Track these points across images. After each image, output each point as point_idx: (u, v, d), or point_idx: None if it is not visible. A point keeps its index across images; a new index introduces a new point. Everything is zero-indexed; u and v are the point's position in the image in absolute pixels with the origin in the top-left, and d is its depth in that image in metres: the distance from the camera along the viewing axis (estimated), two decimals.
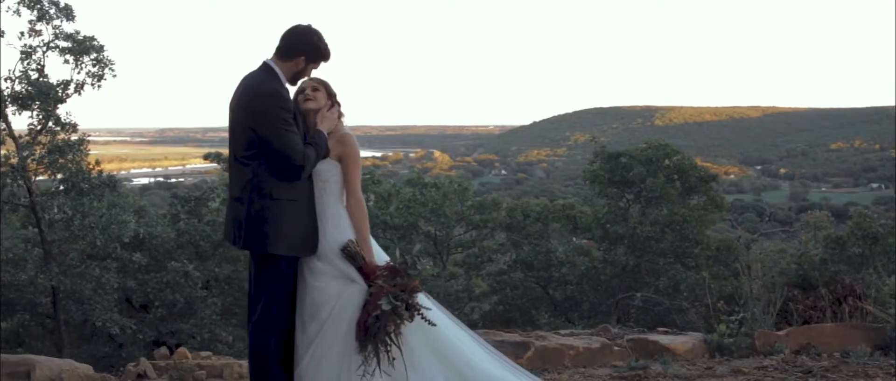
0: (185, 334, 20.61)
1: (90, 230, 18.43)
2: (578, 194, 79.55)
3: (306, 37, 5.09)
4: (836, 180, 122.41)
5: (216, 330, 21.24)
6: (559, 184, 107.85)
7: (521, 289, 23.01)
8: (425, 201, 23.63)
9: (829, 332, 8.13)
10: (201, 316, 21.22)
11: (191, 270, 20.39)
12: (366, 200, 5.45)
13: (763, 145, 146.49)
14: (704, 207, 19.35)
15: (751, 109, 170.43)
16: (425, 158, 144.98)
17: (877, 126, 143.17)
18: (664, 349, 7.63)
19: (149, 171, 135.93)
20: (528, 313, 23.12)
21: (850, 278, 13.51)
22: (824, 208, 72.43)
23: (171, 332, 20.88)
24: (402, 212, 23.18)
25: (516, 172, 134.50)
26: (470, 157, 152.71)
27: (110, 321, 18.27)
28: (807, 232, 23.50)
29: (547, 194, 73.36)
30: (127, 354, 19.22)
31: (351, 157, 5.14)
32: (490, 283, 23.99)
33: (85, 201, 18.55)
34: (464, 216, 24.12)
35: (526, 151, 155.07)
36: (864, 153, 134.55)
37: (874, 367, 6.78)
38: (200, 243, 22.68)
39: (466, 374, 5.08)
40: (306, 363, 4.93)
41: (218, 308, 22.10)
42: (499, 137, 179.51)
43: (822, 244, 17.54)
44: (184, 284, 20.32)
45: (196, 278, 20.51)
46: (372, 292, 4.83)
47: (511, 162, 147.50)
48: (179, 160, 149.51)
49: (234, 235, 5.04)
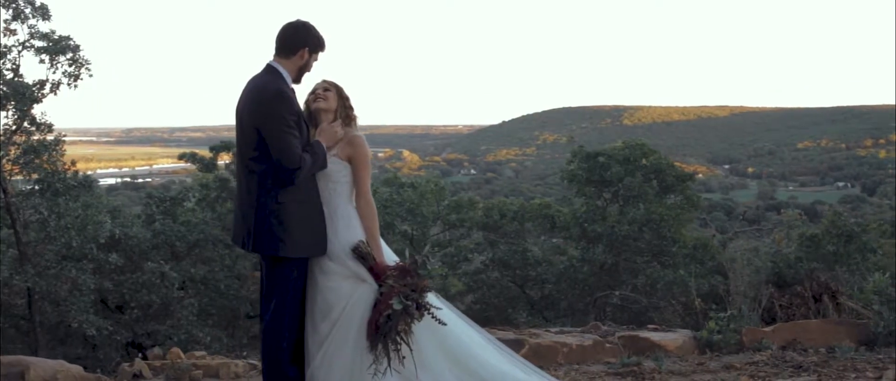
0: (162, 335, 20.50)
1: (66, 231, 18.29)
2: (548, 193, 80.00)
3: (304, 29, 5.15)
4: (803, 179, 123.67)
5: (193, 331, 21.16)
6: (528, 183, 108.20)
7: (497, 288, 23.10)
8: (402, 200, 23.65)
9: (814, 328, 8.27)
10: (178, 317, 21.14)
11: (167, 270, 20.31)
12: None
13: (731, 145, 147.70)
14: (681, 206, 19.55)
15: (719, 108, 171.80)
16: (394, 158, 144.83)
17: (843, 126, 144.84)
18: (655, 345, 7.73)
19: (115, 171, 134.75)
20: (505, 312, 23.20)
21: (826, 276, 13.73)
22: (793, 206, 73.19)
23: (147, 333, 20.77)
24: (379, 212, 23.13)
25: (485, 171, 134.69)
26: (439, 156, 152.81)
27: (86, 323, 18.14)
28: (780, 231, 23.78)
29: (516, 193, 73.63)
30: (104, 355, 19.13)
31: (361, 158, 5.19)
32: (466, 282, 24.05)
33: (60, 202, 18.42)
34: (440, 216, 24.17)
35: (495, 151, 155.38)
36: (830, 152, 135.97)
37: (862, 362, 6.92)
38: (176, 243, 22.60)
39: (477, 372, 5.15)
40: (318, 362, 4.97)
41: (194, 309, 22.01)
42: (468, 136, 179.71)
43: (797, 242, 17.75)
44: (160, 284, 20.24)
45: (173, 279, 20.43)
46: (383, 291, 4.89)
47: (480, 162, 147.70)
48: (146, 160, 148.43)
49: (243, 238, 5.07)
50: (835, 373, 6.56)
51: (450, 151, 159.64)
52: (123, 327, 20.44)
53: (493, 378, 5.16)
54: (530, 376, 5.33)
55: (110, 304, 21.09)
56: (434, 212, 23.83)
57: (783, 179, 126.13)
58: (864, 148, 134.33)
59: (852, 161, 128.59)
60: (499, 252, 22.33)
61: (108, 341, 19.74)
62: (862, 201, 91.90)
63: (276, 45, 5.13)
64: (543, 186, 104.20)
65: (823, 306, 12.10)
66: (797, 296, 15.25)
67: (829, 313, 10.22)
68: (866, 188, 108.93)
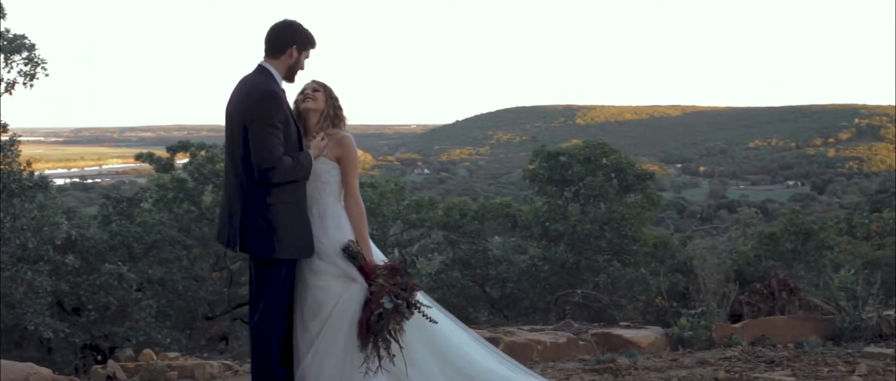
0: (120, 337, 20.32)
1: (21, 233, 18.04)
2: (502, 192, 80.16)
3: (290, 28, 5.17)
4: (754, 178, 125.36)
5: (151, 333, 20.98)
6: (482, 183, 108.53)
7: (458, 288, 23.13)
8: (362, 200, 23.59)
9: (782, 324, 8.41)
10: (136, 319, 20.95)
11: (125, 272, 20.12)
12: None
13: (683, 144, 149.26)
14: (641, 204, 19.71)
15: (671, 107, 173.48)
16: None
17: (793, 125, 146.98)
18: (628, 342, 7.81)
19: (64, 171, 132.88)
20: (465, 311, 23.24)
21: (784, 273, 13.94)
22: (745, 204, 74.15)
23: (105, 335, 20.57)
24: None
25: (439, 171, 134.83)
26: (392, 156, 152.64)
27: (43, 325, 17.92)
28: (736, 229, 24.11)
29: (470, 193, 73.87)
30: (61, 358, 18.91)
31: (349, 158, 5.23)
32: (427, 282, 24.07)
33: (15, 203, 18.16)
34: (400, 216, 24.15)
35: (449, 151, 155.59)
36: (780, 151, 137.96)
37: (832, 356, 7.05)
38: (133, 244, 22.40)
39: (465, 370, 5.20)
40: (309, 361, 4.99)
41: (153, 311, 21.83)
42: (421, 136, 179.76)
43: (755, 240, 18.00)
44: (117, 286, 20.05)
45: (130, 281, 20.24)
46: (373, 290, 4.92)
47: (434, 161, 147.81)
48: (96, 160, 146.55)
49: (231, 238, 5.05)
50: (807, 368, 6.68)
51: (403, 151, 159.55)
52: (80, 329, 20.20)
53: (481, 376, 5.21)
54: (516, 373, 5.39)
55: (67, 306, 20.85)
56: (394, 212, 23.81)
57: (734, 177, 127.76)
58: (813, 147, 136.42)
59: (802, 160, 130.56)
60: (459, 252, 22.37)
61: (65, 343, 19.52)
62: (812, 199, 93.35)
63: (265, 46, 5.16)
64: (497, 186, 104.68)
65: (782, 303, 12.31)
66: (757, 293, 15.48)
67: (787, 310, 10.39)
68: (816, 187, 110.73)
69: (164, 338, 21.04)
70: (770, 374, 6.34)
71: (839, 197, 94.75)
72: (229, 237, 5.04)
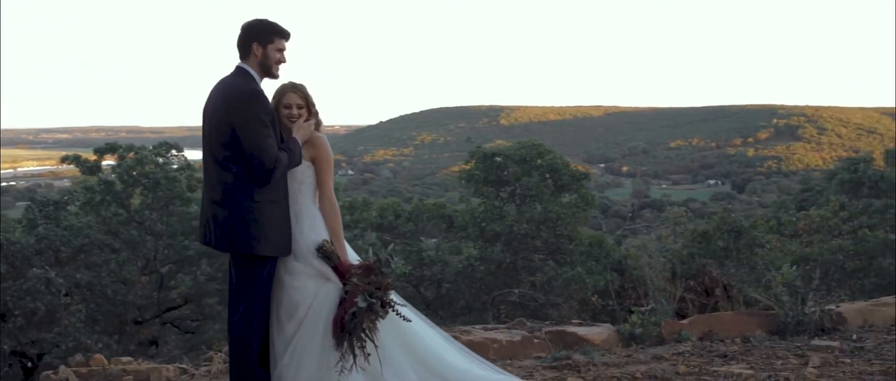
0: (48, 343, 19.95)
1: None
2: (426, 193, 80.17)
3: (247, 28, 5.18)
4: (676, 177, 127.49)
5: (81, 338, 20.64)
6: (406, 184, 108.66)
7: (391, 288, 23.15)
8: None
9: (728, 320, 8.59)
10: (65, 324, 20.60)
11: (53, 277, 19.78)
12: None
13: (606, 144, 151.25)
14: (576, 204, 19.94)
15: (593, 108, 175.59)
16: None
17: (714, 125, 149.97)
18: (582, 339, 7.91)
19: None
20: None
21: (717, 271, 14.25)
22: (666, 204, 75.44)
23: (32, 341, 20.18)
24: None
25: (363, 172, 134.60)
26: None
27: None
28: (666, 227, 24.54)
29: (395, 193, 73.97)
30: None
31: (324, 159, 5.26)
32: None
33: None
34: None
35: (372, 152, 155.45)
36: (701, 151, 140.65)
37: (781, 350, 7.22)
38: (61, 248, 22.02)
39: (438, 369, 5.26)
40: (286, 361, 5.01)
41: (82, 315, 21.47)
42: (345, 137, 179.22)
43: (689, 238, 18.34)
44: (45, 291, 19.71)
45: (59, 285, 19.91)
46: (348, 289, 4.96)
47: (358, 162, 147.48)
48: (10, 163, 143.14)
49: (215, 238, 5.04)
50: (760, 361, 6.84)
51: None
52: (6, 335, 19.80)
53: (453, 375, 5.27)
54: (487, 371, 5.46)
55: None
56: None
57: (656, 177, 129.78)
58: (733, 147, 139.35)
59: (722, 160, 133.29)
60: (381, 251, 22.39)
61: None
62: (732, 198, 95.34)
63: (238, 49, 5.19)
64: (422, 187, 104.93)
65: (715, 300, 12.57)
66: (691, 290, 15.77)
67: (721, 307, 10.63)
68: (736, 186, 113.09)
69: (95, 343, 20.72)
70: (729, 368, 6.48)
71: (759, 196, 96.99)
72: (216, 239, 5.03)
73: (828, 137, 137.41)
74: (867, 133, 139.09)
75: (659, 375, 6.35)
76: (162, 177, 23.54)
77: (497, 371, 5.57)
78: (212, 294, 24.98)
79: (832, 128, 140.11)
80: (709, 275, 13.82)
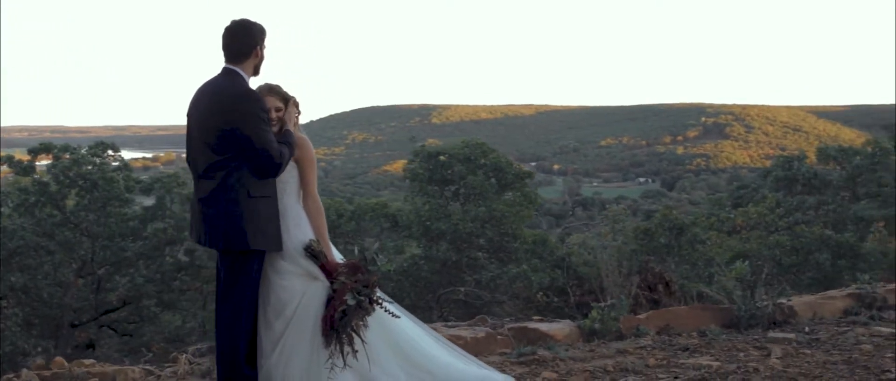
0: None
1: None
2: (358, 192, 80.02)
3: (250, 29, 5.26)
4: (607, 175, 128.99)
5: (18, 342, 20.32)
6: (338, 183, 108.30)
7: None
8: None
9: (683, 314, 8.79)
10: (0, 328, 20.28)
11: None
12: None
13: (537, 143, 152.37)
14: (519, 203, 20.12)
15: (524, 107, 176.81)
16: None
17: (643, 123, 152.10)
18: (544, 335, 8.03)
19: None
20: None
21: (660, 267, 14.54)
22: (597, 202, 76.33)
23: None
24: None
25: None
26: None
27: None
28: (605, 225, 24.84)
29: (327, 193, 73.62)
30: None
31: (307, 159, 5.35)
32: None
33: None
34: None
35: None
36: (631, 149, 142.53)
37: (741, 342, 7.42)
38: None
39: (423, 364, 5.35)
40: (275, 359, 5.06)
41: (19, 320, 21.14)
42: None
43: (631, 236, 18.61)
44: None
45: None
46: (336, 288, 5.03)
47: None
48: None
49: (208, 236, 5.07)
50: (723, 353, 7.03)
51: None
52: None
53: (438, 370, 5.36)
54: (470, 366, 5.56)
55: None
56: None
57: (587, 175, 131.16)
58: (663, 145, 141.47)
59: (652, 158, 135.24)
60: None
61: None
62: (662, 195, 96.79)
63: (228, 53, 5.24)
64: (354, 186, 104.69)
65: (659, 296, 12.83)
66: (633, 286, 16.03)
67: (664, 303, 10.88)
68: (665, 183, 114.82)
69: (33, 348, 20.41)
70: (695, 360, 6.66)
71: (688, 193, 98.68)
72: (209, 237, 5.07)
73: (755, 135, 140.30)
74: (793, 131, 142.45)
75: (629, 368, 6.50)
76: (99, 178, 23.24)
77: (480, 366, 5.68)
78: (150, 296, 24.73)
79: (759, 126, 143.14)
80: (651, 271, 14.12)
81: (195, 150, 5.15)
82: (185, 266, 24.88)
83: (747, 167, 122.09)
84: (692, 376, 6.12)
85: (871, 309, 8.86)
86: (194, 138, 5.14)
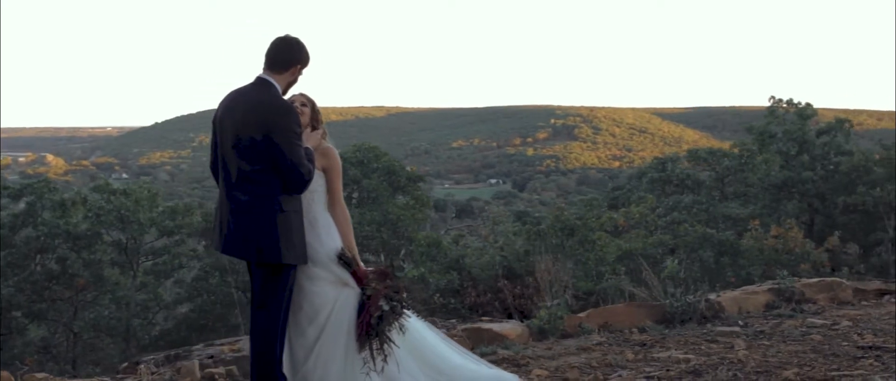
0: None
1: None
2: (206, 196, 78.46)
3: (298, 46, 5.30)
4: (458, 177, 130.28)
5: None
6: (186, 187, 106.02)
7: (217, 294, 22.85)
8: (112, 208, 22.79)
9: (621, 311, 9.22)
10: None
11: None
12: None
13: (389, 145, 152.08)
14: (413, 206, 20.36)
15: (375, 109, 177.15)
16: (37, 163, 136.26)
17: (494, 125, 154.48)
18: (498, 335, 8.29)
19: None
20: (225, 318, 22.97)
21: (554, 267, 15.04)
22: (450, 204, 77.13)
23: None
24: (91, 220, 22.19)
25: (138, 175, 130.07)
26: (87, 160, 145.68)
27: None
28: (486, 226, 25.34)
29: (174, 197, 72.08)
30: None
31: (335, 168, 5.45)
32: (186, 290, 23.57)
33: None
34: (156, 222, 23.50)
35: (148, 154, 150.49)
36: (482, 151, 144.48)
37: (693, 336, 7.87)
38: None
39: (439, 366, 5.50)
40: (311, 365, 5.14)
41: None
42: (117, 139, 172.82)
43: (524, 237, 19.06)
44: None
45: None
46: (368, 294, 5.15)
47: (132, 165, 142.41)
48: None
49: (240, 247, 5.08)
50: (676, 345, 7.45)
51: (99, 155, 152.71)
52: None
53: (452, 371, 5.53)
54: (480, 366, 5.75)
55: None
56: (150, 219, 23.15)
57: (439, 177, 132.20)
58: (513, 146, 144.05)
59: (503, 159, 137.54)
60: (222, 258, 22.12)
61: None
62: (513, 196, 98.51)
63: (268, 60, 5.24)
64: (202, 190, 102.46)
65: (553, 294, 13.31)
66: (528, 287, 16.53)
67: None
68: (516, 184, 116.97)
69: None
70: (671, 353, 7.04)
71: (539, 194, 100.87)
72: (241, 248, 5.08)
73: (603, 137, 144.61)
74: (639, 132, 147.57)
75: (611, 362, 6.82)
76: None
77: (488, 366, 5.88)
78: (18, 307, 23.92)
79: (606, 128, 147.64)
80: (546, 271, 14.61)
81: (226, 157, 5.15)
82: (57, 275, 24.15)
83: (596, 168, 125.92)
84: (682, 368, 6.46)
85: (790, 303, 9.50)
86: (225, 146, 5.15)
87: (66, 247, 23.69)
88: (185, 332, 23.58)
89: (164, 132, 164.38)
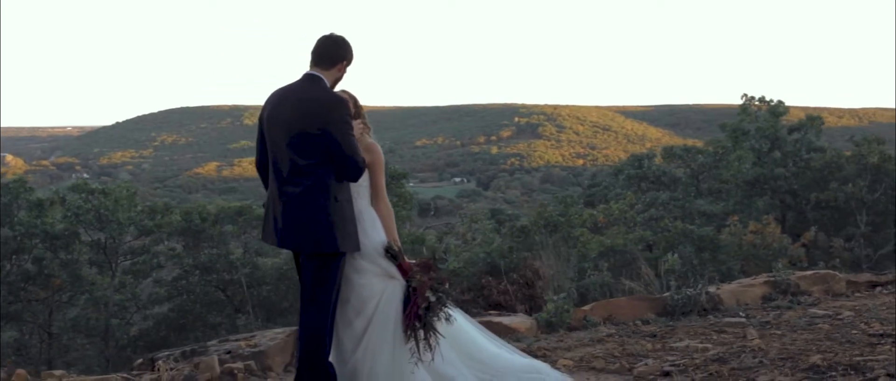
0: None
1: None
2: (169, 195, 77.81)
3: (345, 44, 5.46)
4: (423, 175, 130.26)
5: None
6: (148, 187, 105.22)
7: (197, 293, 22.83)
8: (91, 207, 22.71)
9: (624, 304, 9.43)
10: None
11: None
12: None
13: None
14: (396, 203, 20.43)
15: None
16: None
17: (457, 124, 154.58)
18: (509, 329, 8.46)
19: None
20: (204, 318, 22.96)
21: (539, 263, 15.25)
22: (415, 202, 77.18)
23: None
24: (70, 219, 22.10)
25: (99, 175, 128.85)
26: (47, 160, 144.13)
27: None
28: (463, 224, 25.51)
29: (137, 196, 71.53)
30: None
31: (378, 164, 5.56)
32: (167, 289, 23.52)
33: None
34: (135, 222, 23.43)
35: (109, 154, 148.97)
36: (446, 149, 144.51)
37: (701, 328, 8.09)
38: None
39: (476, 355, 5.66)
40: (360, 356, 5.26)
41: None
42: (78, 138, 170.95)
43: (509, 234, 19.24)
44: None
45: None
46: (414, 286, 5.29)
47: (93, 165, 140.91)
48: None
49: (296, 239, 5.20)
50: (684, 336, 7.66)
51: (59, 155, 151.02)
52: None
53: (490, 360, 5.68)
54: (513, 355, 5.91)
55: None
56: (129, 218, 23.08)
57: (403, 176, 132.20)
58: (477, 145, 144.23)
59: (467, 157, 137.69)
60: (202, 257, 22.12)
61: None
62: (478, 194, 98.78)
63: (315, 57, 5.38)
64: (164, 190, 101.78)
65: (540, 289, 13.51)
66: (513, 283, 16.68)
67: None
68: (481, 183, 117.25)
69: None
70: (688, 342, 7.24)
71: (503, 192, 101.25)
72: (298, 240, 5.21)
73: (566, 135, 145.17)
74: (603, 130, 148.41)
75: (632, 352, 7.01)
76: None
77: (522, 355, 6.05)
78: None
79: (570, 126, 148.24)
80: (530, 268, 14.83)
81: (277, 154, 5.26)
82: (33, 275, 24.01)
83: (560, 166, 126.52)
84: (706, 356, 6.64)
85: (787, 295, 9.77)
86: (277, 143, 5.25)
87: (43, 247, 23.58)
88: (165, 332, 23.56)
89: (126, 132, 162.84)
